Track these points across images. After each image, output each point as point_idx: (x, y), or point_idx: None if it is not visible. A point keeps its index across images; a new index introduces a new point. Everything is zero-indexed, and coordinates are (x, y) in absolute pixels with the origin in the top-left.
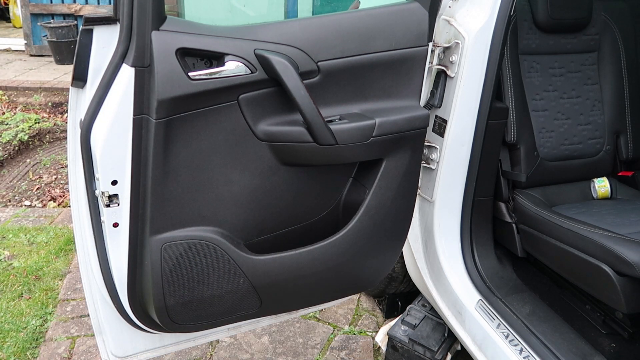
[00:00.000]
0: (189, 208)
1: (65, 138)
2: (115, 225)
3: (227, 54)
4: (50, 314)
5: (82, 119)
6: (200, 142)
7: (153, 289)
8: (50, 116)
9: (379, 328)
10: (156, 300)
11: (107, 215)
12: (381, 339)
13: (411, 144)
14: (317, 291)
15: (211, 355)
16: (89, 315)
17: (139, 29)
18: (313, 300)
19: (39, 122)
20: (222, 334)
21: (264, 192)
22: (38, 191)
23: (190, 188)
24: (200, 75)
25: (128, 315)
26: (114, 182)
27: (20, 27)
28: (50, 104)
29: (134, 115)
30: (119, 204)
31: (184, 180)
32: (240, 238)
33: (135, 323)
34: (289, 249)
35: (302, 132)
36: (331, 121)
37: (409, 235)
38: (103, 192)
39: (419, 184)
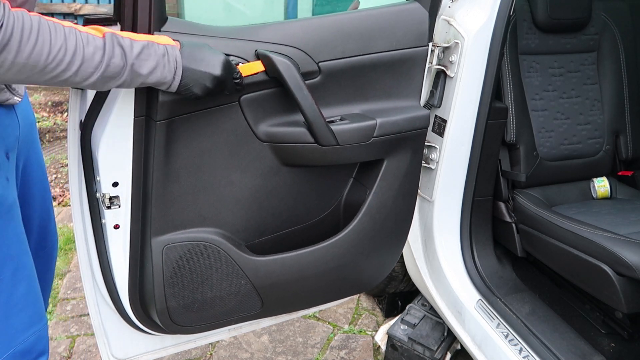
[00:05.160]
0: (190, 209)
1: (65, 137)
2: (116, 227)
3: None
4: (50, 313)
5: (83, 120)
6: (202, 143)
7: (154, 291)
8: (50, 115)
9: (379, 327)
10: (157, 302)
11: (108, 217)
12: (381, 338)
13: (412, 144)
14: (318, 292)
15: (211, 354)
16: (88, 314)
17: (140, 30)
18: (314, 300)
19: (38, 121)
20: (223, 334)
21: (265, 193)
22: None
23: (191, 189)
24: None
25: (129, 317)
26: (115, 184)
27: None
28: (50, 103)
29: (135, 116)
30: (120, 206)
31: (185, 182)
32: (242, 239)
33: (136, 325)
34: (290, 249)
35: (303, 132)
36: (332, 122)
37: (408, 235)
38: (104, 194)
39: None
